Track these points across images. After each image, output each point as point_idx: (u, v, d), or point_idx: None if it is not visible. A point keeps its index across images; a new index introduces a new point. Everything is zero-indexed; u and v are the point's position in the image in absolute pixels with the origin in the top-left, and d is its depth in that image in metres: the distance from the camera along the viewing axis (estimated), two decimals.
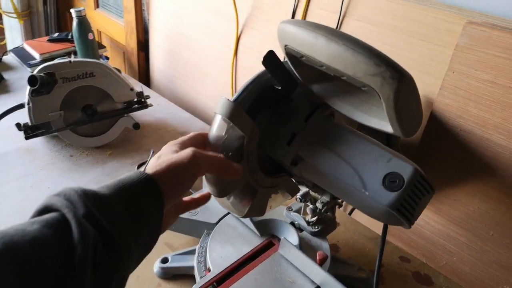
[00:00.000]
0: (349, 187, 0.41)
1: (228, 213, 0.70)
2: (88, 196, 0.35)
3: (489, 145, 0.69)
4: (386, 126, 0.38)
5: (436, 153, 0.76)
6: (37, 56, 1.39)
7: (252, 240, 0.65)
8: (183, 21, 1.26)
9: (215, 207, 0.71)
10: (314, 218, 0.65)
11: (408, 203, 0.39)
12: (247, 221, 0.67)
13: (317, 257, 0.59)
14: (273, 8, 0.99)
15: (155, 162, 0.41)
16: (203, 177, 0.48)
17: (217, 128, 0.45)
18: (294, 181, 0.57)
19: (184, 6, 1.23)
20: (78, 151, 1.02)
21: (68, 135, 1.00)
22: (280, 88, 0.44)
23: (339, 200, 0.64)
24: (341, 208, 0.93)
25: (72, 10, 1.21)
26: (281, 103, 0.46)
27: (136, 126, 1.05)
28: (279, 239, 0.65)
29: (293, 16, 0.93)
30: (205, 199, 0.52)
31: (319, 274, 0.57)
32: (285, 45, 0.40)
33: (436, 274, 0.68)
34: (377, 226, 0.79)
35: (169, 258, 0.66)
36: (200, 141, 0.48)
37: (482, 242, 0.75)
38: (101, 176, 0.94)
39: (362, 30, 0.82)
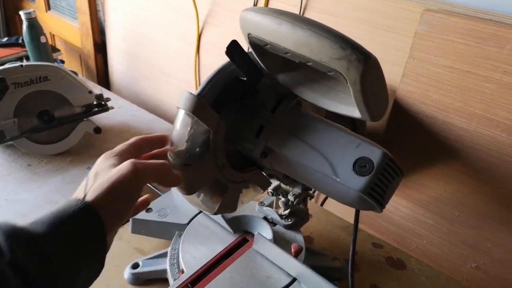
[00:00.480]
0: (320, 175, 0.41)
1: (199, 213, 0.68)
2: (17, 237, 0.31)
3: (451, 129, 0.71)
4: (353, 112, 0.38)
5: (401, 140, 0.78)
6: None
7: (225, 238, 0.64)
8: (142, 21, 1.23)
9: (185, 207, 0.69)
10: (287, 211, 0.64)
11: (378, 187, 0.39)
12: (219, 219, 0.65)
13: (292, 249, 0.59)
14: (233, 3, 0.97)
15: (94, 183, 0.37)
16: None
17: (181, 123, 0.43)
18: (264, 174, 0.56)
19: (142, 5, 1.20)
20: (36, 159, 0.96)
21: (24, 144, 0.94)
22: (245, 79, 0.43)
23: (311, 192, 0.64)
24: (313, 200, 0.93)
25: (21, 13, 1.15)
26: (247, 95, 0.45)
27: (97, 130, 1.01)
28: (252, 235, 0.64)
29: None
30: (144, 204, 0.47)
31: (295, 266, 0.56)
32: (248, 34, 0.39)
33: (408, 258, 0.70)
34: (349, 215, 0.80)
35: (140, 263, 0.63)
36: (140, 147, 0.45)
37: (449, 224, 0.77)
38: (62, 184, 0.90)
39: (323, 21, 0.82)
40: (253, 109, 0.45)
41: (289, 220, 0.65)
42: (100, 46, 1.43)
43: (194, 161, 0.44)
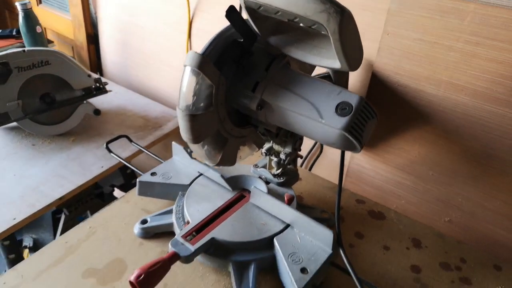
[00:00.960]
0: (308, 119, 0.48)
1: (200, 175, 0.75)
2: None
3: (422, 95, 0.79)
4: (334, 63, 0.45)
5: (380, 108, 0.86)
6: None
7: (224, 195, 0.71)
8: (134, 11, 1.28)
9: (186, 171, 0.76)
10: (279, 170, 0.72)
11: (357, 126, 0.47)
12: (219, 179, 0.72)
13: (285, 198, 0.66)
14: None
15: None
16: (179, 129, 0.53)
17: (187, 79, 0.50)
18: (259, 133, 0.63)
19: None
20: (39, 139, 1.02)
21: (28, 125, 1.00)
22: (242, 41, 0.50)
23: (299, 152, 0.72)
24: (303, 166, 1.01)
25: (17, 4, 1.20)
26: (244, 56, 0.52)
27: (97, 112, 1.07)
28: (249, 192, 0.71)
29: None
30: None
31: (288, 213, 0.64)
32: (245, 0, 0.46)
33: (388, 210, 0.78)
34: (333, 177, 0.88)
35: (148, 219, 0.70)
36: None
37: (425, 183, 0.86)
38: (67, 160, 0.95)
39: None
40: (249, 68, 0.53)
41: (281, 178, 0.72)
42: (93, 37, 1.48)
43: (199, 113, 0.51)
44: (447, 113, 0.78)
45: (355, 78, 0.88)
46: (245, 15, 0.50)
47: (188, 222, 0.66)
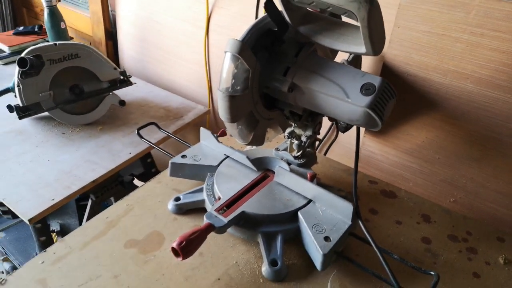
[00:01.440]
0: (335, 99, 0.55)
1: (227, 157, 0.81)
2: None
3: (430, 84, 0.86)
4: (360, 49, 0.52)
5: None
6: (6, 49, 1.41)
7: (250, 175, 0.77)
8: (152, 8, 1.35)
9: (213, 153, 0.82)
10: (300, 152, 0.79)
11: (380, 104, 0.53)
12: (244, 160, 0.79)
13: (308, 176, 0.73)
14: None
15: None
16: (218, 110, 0.60)
17: (228, 63, 0.56)
18: (285, 116, 0.70)
19: None
20: (69, 128, 1.08)
21: (58, 114, 1.06)
22: (276, 29, 0.57)
23: (318, 136, 0.79)
24: (318, 151, 1.08)
25: (42, 0, 1.26)
26: (275, 44, 0.59)
27: (122, 103, 1.14)
28: (272, 172, 0.78)
29: None
30: None
31: (311, 189, 0.71)
32: None
33: (398, 190, 0.85)
34: (346, 161, 0.95)
35: (181, 197, 0.76)
36: None
37: (431, 165, 0.92)
38: (96, 147, 1.02)
39: None
40: (280, 55, 0.59)
41: (302, 160, 0.79)
42: (110, 34, 1.55)
43: (237, 95, 0.57)
44: (453, 100, 0.84)
45: (367, 69, 0.94)
46: (279, 6, 0.57)
47: (219, 198, 0.72)
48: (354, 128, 0.91)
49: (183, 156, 0.82)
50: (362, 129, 0.99)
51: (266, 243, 0.68)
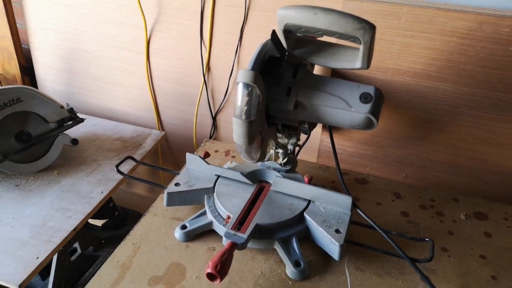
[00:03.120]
0: (339, 110, 0.63)
1: (219, 177, 0.84)
2: None
3: (375, 81, 1.00)
4: (355, 64, 0.61)
5: None
6: None
7: (248, 189, 0.82)
8: (79, 38, 1.28)
9: (204, 176, 0.85)
10: (285, 159, 0.86)
11: (376, 108, 0.63)
12: (237, 176, 0.83)
13: (306, 179, 0.80)
14: (179, 10, 1.13)
15: None
16: (234, 136, 0.63)
17: (242, 92, 0.60)
18: (276, 130, 0.76)
19: (77, 23, 1.25)
20: (21, 179, 0.99)
21: (8, 166, 0.97)
22: (278, 56, 0.62)
23: (299, 142, 0.87)
24: None
25: None
26: (275, 68, 0.65)
27: (75, 141, 1.07)
28: (266, 182, 0.84)
29: (201, 15, 1.10)
30: None
31: (310, 190, 0.78)
32: (286, 23, 0.58)
33: (367, 176, 0.97)
34: (314, 159, 1.04)
35: (187, 224, 0.78)
36: None
37: (383, 150, 1.07)
38: (62, 193, 0.95)
39: (266, 17, 1.05)
40: (279, 77, 0.66)
41: (288, 166, 0.86)
42: (26, 69, 1.42)
43: (252, 119, 0.62)
44: (395, 93, 0.99)
45: (318, 71, 1.05)
46: (279, 34, 0.63)
47: (228, 217, 0.76)
48: (316, 130, 1.01)
49: (177, 184, 0.83)
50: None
51: (284, 248, 0.73)
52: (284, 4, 1.01)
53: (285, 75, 0.66)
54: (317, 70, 0.98)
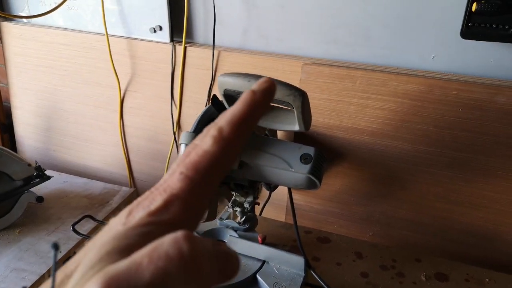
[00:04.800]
0: (281, 170, 0.64)
1: None
2: None
3: (336, 140, 1.02)
4: (294, 127, 0.63)
5: None
6: None
7: None
8: (56, 97, 1.33)
9: None
10: (243, 218, 0.86)
11: (317, 169, 0.64)
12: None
13: (259, 238, 0.80)
14: (152, 73, 1.18)
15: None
16: None
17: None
18: (229, 189, 0.77)
19: (57, 83, 1.31)
20: None
21: None
22: None
23: (257, 200, 0.87)
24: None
25: None
26: None
27: (40, 199, 1.07)
28: (222, 242, 0.83)
29: (172, 77, 1.15)
30: None
31: (264, 251, 0.78)
32: (225, 89, 0.62)
33: (330, 234, 0.96)
34: (280, 216, 1.04)
35: None
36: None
37: (348, 207, 1.07)
38: (20, 253, 0.94)
39: None
40: None
41: (246, 225, 0.86)
42: (6, 126, 1.45)
43: None
44: (356, 151, 1.01)
45: (283, 133, 1.08)
46: (220, 97, 0.66)
47: None
48: (281, 187, 1.02)
49: None
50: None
51: None
52: (247, 69, 1.06)
53: None
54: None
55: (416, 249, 1.02)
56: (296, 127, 0.63)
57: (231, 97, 0.63)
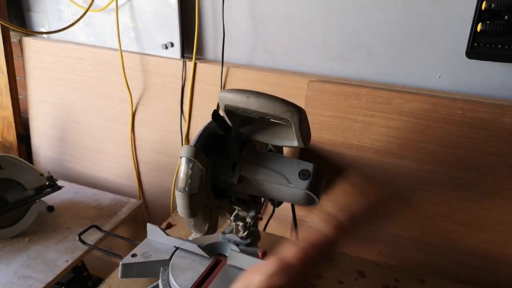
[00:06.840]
0: (279, 185, 0.65)
1: (177, 248, 0.85)
2: None
3: (340, 157, 1.03)
4: (293, 143, 0.64)
5: None
6: None
7: (203, 262, 0.82)
8: (70, 109, 1.37)
9: (163, 247, 0.85)
10: (245, 233, 0.86)
11: (315, 185, 0.65)
12: (196, 248, 0.83)
13: (259, 253, 0.80)
14: (162, 87, 1.21)
15: None
16: (177, 207, 0.66)
17: (184, 166, 0.64)
18: (231, 204, 0.78)
19: (72, 96, 1.35)
20: None
21: None
22: (221, 133, 0.67)
23: (260, 215, 0.88)
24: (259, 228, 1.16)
25: None
26: (221, 144, 0.68)
27: (50, 209, 1.10)
28: (223, 256, 0.83)
29: (182, 91, 1.18)
30: None
31: None
32: (226, 105, 0.63)
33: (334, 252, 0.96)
34: (285, 232, 1.04)
35: None
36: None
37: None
38: (28, 260, 0.96)
39: None
40: (226, 153, 0.69)
41: (248, 239, 0.86)
42: (23, 137, 1.50)
43: (195, 192, 0.64)
44: (361, 168, 1.01)
45: (289, 149, 1.09)
46: (222, 112, 0.67)
47: None
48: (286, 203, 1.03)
49: (133, 255, 0.83)
50: None
51: None
52: (254, 85, 1.08)
53: (232, 151, 0.69)
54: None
55: (421, 269, 1.00)
56: (295, 143, 0.64)
57: (232, 113, 0.65)
